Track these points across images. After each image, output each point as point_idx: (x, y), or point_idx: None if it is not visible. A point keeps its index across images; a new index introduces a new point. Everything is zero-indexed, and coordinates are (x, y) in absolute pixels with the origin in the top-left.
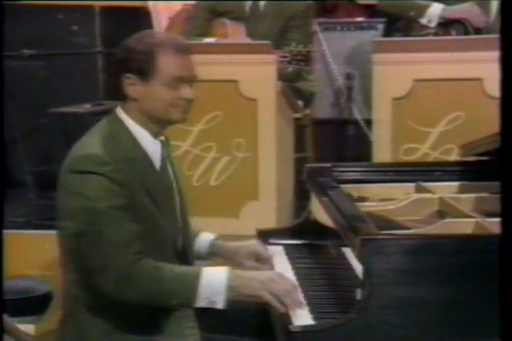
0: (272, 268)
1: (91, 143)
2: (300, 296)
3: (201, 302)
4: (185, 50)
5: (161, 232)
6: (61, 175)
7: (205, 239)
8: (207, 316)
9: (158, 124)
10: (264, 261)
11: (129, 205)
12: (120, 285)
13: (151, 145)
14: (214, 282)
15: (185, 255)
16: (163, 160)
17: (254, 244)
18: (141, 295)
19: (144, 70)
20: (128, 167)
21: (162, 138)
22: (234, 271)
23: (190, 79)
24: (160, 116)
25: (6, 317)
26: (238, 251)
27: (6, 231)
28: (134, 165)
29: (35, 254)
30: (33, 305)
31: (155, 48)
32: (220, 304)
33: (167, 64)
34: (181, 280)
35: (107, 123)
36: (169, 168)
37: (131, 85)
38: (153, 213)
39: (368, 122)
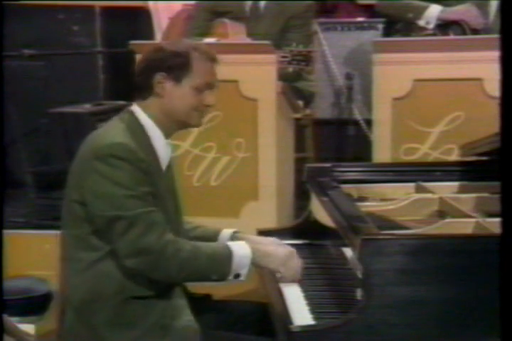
0: None
1: (115, 133)
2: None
3: (230, 276)
4: (215, 59)
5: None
6: (83, 163)
7: (227, 232)
8: (207, 313)
9: (174, 126)
10: None
11: (152, 193)
12: (161, 265)
13: (161, 145)
14: (242, 256)
15: None
16: (169, 161)
17: (275, 240)
18: (182, 272)
19: (178, 71)
20: (147, 159)
21: (169, 141)
22: (254, 245)
23: (213, 87)
24: (180, 118)
25: (6, 317)
26: (261, 243)
27: (6, 232)
28: (149, 159)
29: (36, 254)
30: (34, 305)
31: (191, 51)
32: (243, 276)
33: (200, 69)
34: (218, 257)
35: (122, 121)
36: (172, 172)
37: (161, 83)
38: (166, 205)
39: (368, 122)
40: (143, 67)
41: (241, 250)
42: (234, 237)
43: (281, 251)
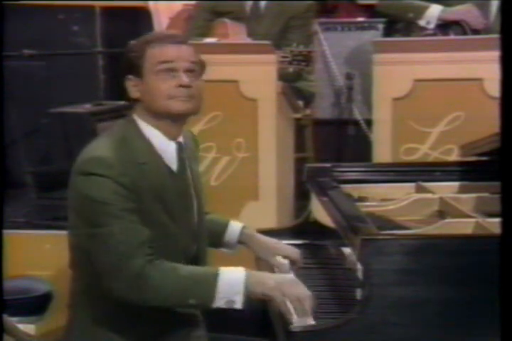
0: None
1: (100, 146)
2: (310, 307)
3: (219, 302)
4: (172, 40)
5: (171, 239)
6: (71, 177)
7: (235, 227)
8: (207, 315)
9: (167, 122)
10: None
11: (138, 209)
12: (135, 287)
13: (163, 146)
14: (232, 281)
15: (197, 261)
16: (181, 162)
17: (287, 248)
18: (157, 295)
19: (137, 66)
20: (136, 171)
21: (180, 139)
22: (251, 270)
23: (183, 66)
24: (162, 111)
25: (6, 317)
26: (269, 248)
27: (6, 232)
28: (144, 170)
29: (36, 254)
30: (33, 305)
31: (144, 44)
32: (238, 304)
33: (154, 53)
34: (199, 280)
35: (121, 126)
36: (188, 170)
37: (134, 86)
38: (163, 220)
39: (368, 122)
40: (119, 74)
41: (232, 274)
42: (242, 234)
43: (278, 277)
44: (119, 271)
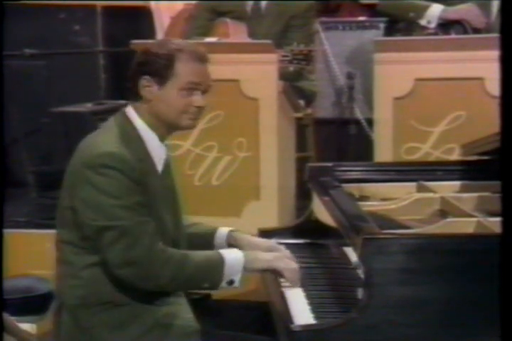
0: None
1: (107, 141)
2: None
3: (224, 283)
4: (202, 59)
5: (162, 233)
6: (75, 170)
7: (224, 230)
8: (207, 313)
9: (166, 128)
10: None
11: (144, 203)
12: (151, 276)
13: (156, 148)
14: (234, 262)
15: None
16: (166, 164)
17: (272, 242)
18: (179, 280)
19: (162, 73)
20: (139, 166)
21: (166, 142)
22: (245, 250)
23: (203, 88)
24: (170, 121)
25: (7, 316)
26: (257, 244)
27: (7, 231)
28: (142, 166)
29: (37, 253)
30: (35, 304)
31: (175, 53)
32: (236, 282)
33: (184, 69)
34: (212, 264)
35: (116, 123)
36: (170, 172)
37: (147, 87)
38: (158, 214)
39: (370, 121)
40: (131, 70)
41: (233, 256)
42: (230, 236)
43: (271, 253)
44: (136, 262)
